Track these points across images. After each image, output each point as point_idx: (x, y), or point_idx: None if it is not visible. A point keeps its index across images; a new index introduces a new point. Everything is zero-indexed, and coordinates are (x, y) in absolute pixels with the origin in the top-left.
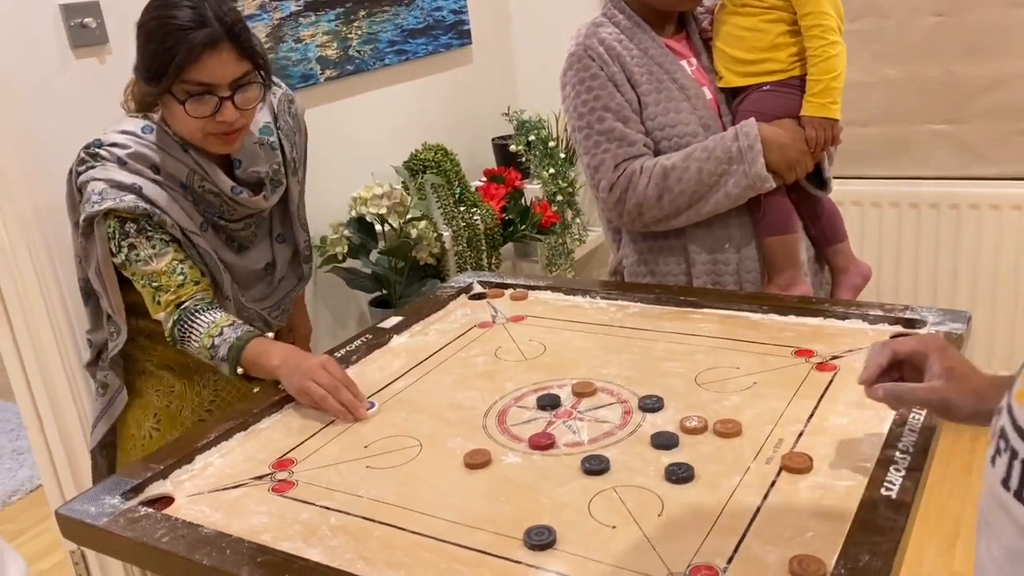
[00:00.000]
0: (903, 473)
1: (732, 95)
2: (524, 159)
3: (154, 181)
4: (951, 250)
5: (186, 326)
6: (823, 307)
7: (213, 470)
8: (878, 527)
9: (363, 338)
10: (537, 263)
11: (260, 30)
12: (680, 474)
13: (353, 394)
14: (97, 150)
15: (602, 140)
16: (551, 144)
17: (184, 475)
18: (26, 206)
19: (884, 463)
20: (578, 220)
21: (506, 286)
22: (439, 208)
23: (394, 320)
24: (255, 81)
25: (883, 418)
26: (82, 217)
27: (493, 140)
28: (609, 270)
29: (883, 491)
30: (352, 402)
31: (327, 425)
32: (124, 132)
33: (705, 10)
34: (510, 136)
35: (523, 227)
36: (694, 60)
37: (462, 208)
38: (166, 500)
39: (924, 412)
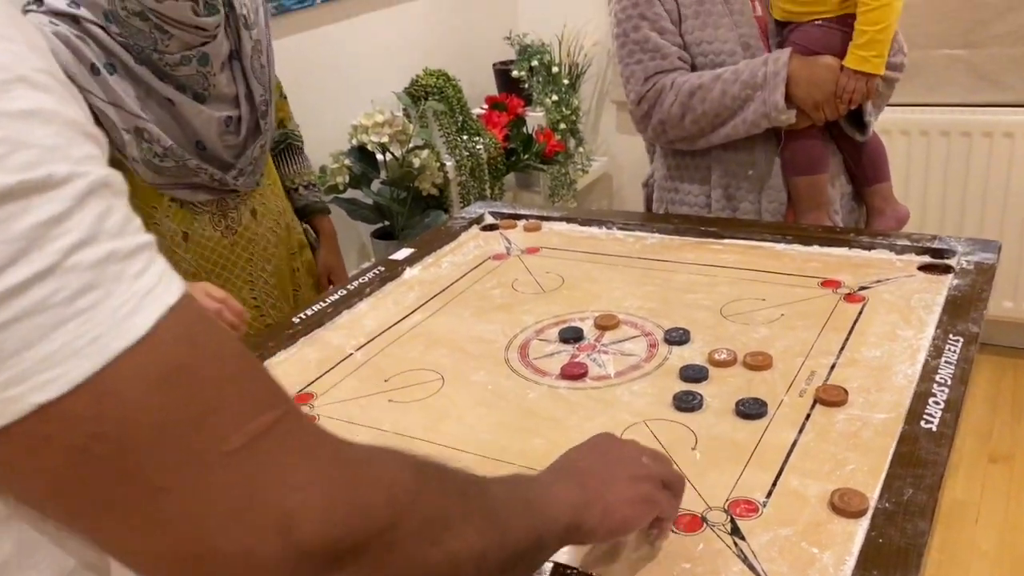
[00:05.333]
0: (942, 405)
1: (785, 23)
2: (527, 85)
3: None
4: (961, 178)
5: None
6: (848, 237)
7: None
8: (920, 460)
9: (375, 271)
10: (539, 193)
11: None
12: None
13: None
14: None
15: (636, 50)
16: (554, 70)
17: None
18: None
19: (922, 396)
20: (581, 149)
21: (519, 217)
22: (441, 137)
23: (406, 252)
24: None
25: (916, 349)
26: None
27: (494, 65)
28: (643, 181)
29: (923, 424)
30: (234, 323)
31: (345, 359)
32: None
33: None
34: (512, 61)
35: (526, 156)
36: None
37: (464, 136)
38: None
39: (960, 343)
